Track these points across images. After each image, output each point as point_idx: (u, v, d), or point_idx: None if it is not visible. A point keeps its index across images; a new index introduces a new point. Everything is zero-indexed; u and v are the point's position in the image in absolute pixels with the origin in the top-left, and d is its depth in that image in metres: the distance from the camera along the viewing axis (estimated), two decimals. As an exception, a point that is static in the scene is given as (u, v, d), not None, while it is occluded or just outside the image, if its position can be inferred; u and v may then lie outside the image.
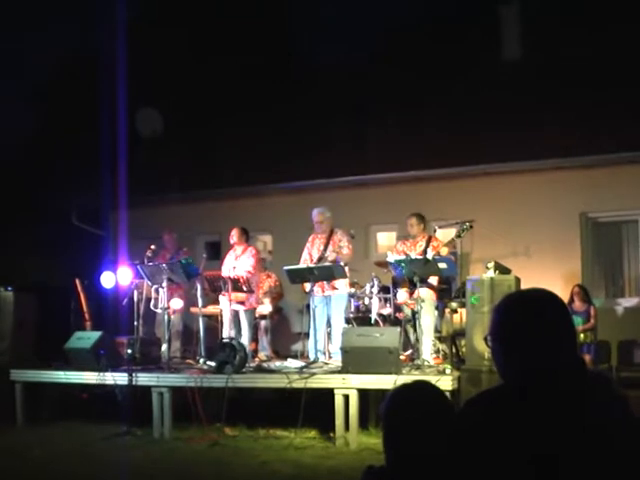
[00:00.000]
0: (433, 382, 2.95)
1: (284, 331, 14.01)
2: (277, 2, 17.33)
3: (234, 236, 12.29)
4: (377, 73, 15.79)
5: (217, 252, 15.80)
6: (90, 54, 16.16)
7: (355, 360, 10.00)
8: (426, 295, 11.06)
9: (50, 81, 16.15)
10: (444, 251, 11.06)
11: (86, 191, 16.52)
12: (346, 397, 9.85)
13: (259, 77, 16.93)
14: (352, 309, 12.59)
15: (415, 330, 11.04)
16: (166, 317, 11.72)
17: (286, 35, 16.31)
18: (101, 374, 11.28)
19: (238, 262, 12.18)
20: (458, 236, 11.11)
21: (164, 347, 11.97)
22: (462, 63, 15.01)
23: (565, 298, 13.34)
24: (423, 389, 2.86)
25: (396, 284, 11.74)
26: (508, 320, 2.69)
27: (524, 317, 2.64)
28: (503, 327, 2.69)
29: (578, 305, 12.54)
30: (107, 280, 13.03)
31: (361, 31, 15.23)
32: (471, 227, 10.99)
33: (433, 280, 11.27)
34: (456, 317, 11.98)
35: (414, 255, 11.07)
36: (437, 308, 11.65)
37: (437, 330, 11.88)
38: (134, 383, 10.89)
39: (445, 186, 14.65)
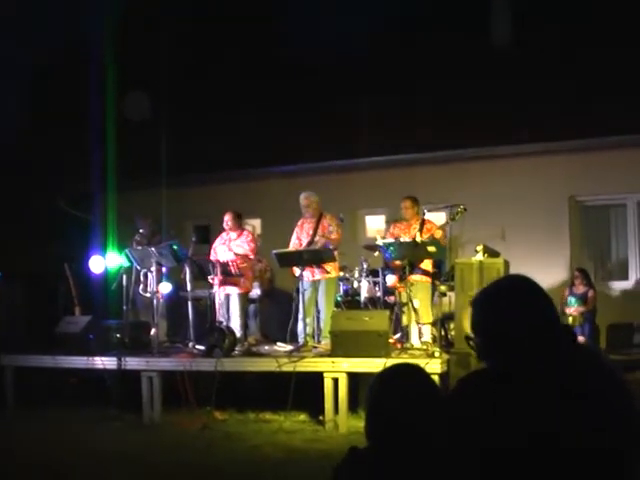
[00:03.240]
0: (422, 365, 2.96)
1: (273, 315, 14.00)
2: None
3: (229, 221, 12.17)
4: (366, 59, 15.73)
5: (206, 236, 15.75)
6: (79, 39, 16.07)
7: (344, 343, 10.02)
8: (418, 279, 11.09)
9: (37, 65, 16.07)
10: (438, 234, 11.08)
11: (74, 176, 16.46)
12: (335, 380, 9.89)
13: (248, 61, 16.87)
14: (341, 293, 12.59)
15: (404, 313, 11.05)
16: (155, 301, 11.70)
17: (276, 20, 16.24)
18: (90, 358, 11.28)
19: (232, 246, 12.11)
20: (452, 219, 11.12)
21: (153, 331, 11.95)
22: (451, 49, 14.96)
23: (557, 282, 13.41)
24: (408, 371, 2.88)
25: (389, 268, 11.68)
26: (486, 314, 2.70)
27: (501, 309, 2.65)
28: (482, 322, 2.71)
29: (579, 288, 12.62)
30: (96, 264, 13.00)
31: (351, 17, 15.17)
32: (465, 210, 10.99)
33: (427, 266, 11.26)
34: (445, 300, 12.01)
35: (408, 238, 11.08)
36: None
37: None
38: (123, 367, 10.90)
39: (434, 170, 14.66)
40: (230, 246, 12.07)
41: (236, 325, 11.72)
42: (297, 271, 11.35)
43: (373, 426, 2.81)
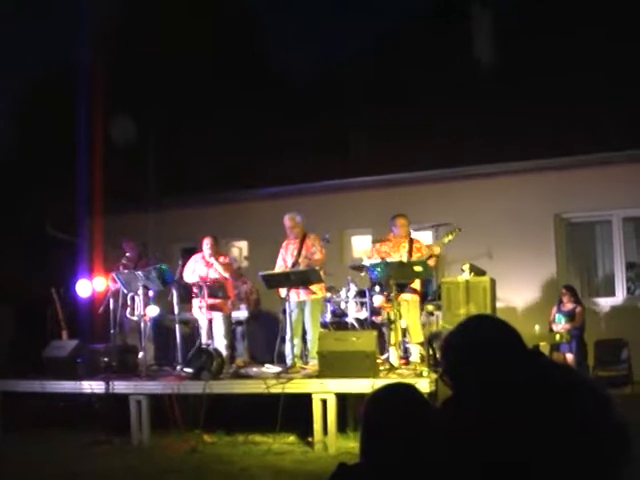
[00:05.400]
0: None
1: (261, 337, 13.98)
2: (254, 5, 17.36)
3: (209, 247, 12.15)
4: (354, 77, 15.80)
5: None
6: (64, 63, 16.10)
7: (332, 364, 10.00)
8: (409, 298, 11.08)
9: (25, 90, 16.08)
10: (425, 252, 11.08)
11: (60, 199, 16.44)
12: (324, 401, 9.85)
13: (233, 81, 16.91)
14: (328, 313, 12.58)
15: (393, 331, 11.03)
16: (142, 324, 11.68)
17: (259, 36, 16.31)
18: (78, 383, 11.24)
19: (211, 270, 12.10)
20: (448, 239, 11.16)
21: (141, 354, 11.92)
22: (439, 68, 15.05)
23: (544, 299, 13.44)
24: (403, 391, 2.90)
25: (381, 287, 11.60)
26: (454, 360, 2.86)
27: (469, 355, 2.79)
28: (452, 366, 2.88)
29: (566, 305, 12.66)
30: (83, 288, 12.97)
31: (337, 34, 15.27)
32: (460, 231, 11.03)
33: (416, 284, 11.23)
34: (432, 319, 12.02)
35: (397, 256, 11.07)
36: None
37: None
38: (111, 391, 10.85)
39: (420, 189, 14.70)
40: (208, 270, 12.09)
41: (221, 347, 11.70)
42: (283, 292, 11.35)
43: (366, 443, 2.83)
